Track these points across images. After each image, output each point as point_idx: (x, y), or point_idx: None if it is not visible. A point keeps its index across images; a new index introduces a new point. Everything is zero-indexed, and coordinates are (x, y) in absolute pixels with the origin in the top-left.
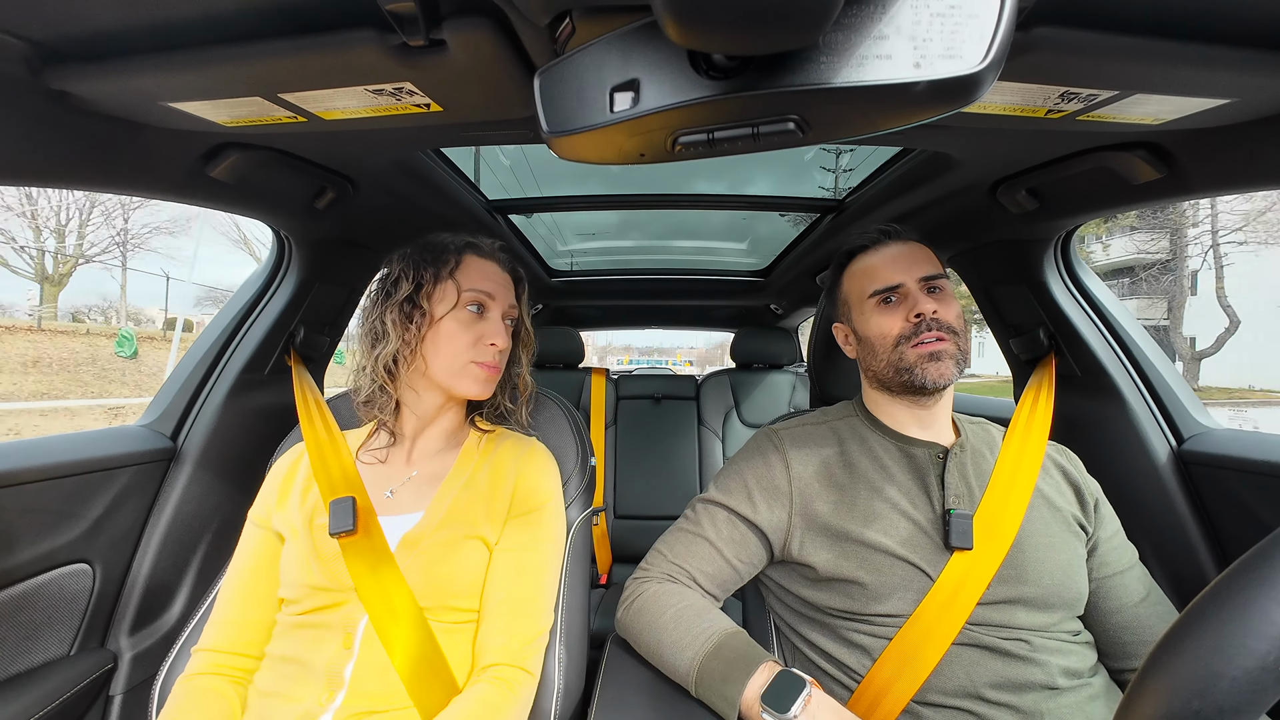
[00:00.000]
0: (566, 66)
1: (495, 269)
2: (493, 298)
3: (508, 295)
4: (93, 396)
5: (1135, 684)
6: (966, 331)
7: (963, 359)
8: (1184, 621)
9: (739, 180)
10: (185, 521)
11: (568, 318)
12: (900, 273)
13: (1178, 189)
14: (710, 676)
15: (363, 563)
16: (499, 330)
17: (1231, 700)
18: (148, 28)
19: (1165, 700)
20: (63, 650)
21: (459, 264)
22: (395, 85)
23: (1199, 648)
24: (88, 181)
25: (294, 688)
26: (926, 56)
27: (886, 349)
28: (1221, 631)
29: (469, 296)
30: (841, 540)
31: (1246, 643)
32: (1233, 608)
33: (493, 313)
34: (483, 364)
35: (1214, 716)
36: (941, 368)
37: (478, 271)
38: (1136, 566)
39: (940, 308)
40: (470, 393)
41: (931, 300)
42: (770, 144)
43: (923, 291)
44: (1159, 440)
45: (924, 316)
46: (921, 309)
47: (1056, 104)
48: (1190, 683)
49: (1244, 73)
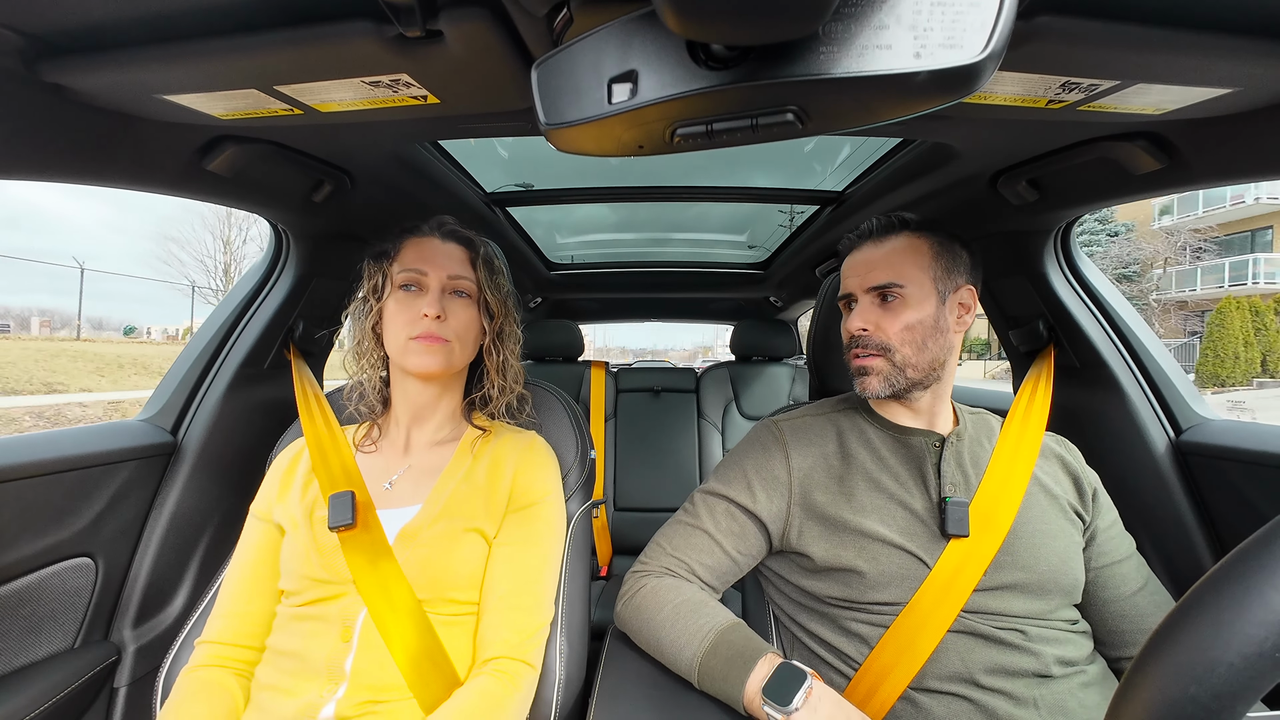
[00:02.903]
0: (564, 58)
1: (434, 243)
2: (424, 273)
3: (449, 265)
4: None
5: (1133, 668)
6: (918, 342)
7: (898, 374)
8: (1183, 607)
9: (738, 172)
10: (186, 515)
11: (567, 311)
12: (853, 281)
13: (1179, 179)
14: (711, 675)
15: (362, 556)
16: (431, 300)
17: (1229, 685)
18: (142, 19)
19: (1163, 685)
20: (67, 644)
21: (397, 251)
22: (392, 77)
23: (1198, 633)
24: (84, 175)
25: (295, 681)
26: (927, 46)
27: (846, 352)
28: (1220, 617)
29: (401, 277)
30: (840, 530)
31: (1246, 629)
32: (1232, 594)
33: (429, 287)
34: (418, 337)
35: (1210, 702)
36: (866, 382)
37: (412, 251)
38: (1134, 556)
39: (882, 321)
40: (418, 367)
41: (875, 313)
42: (769, 135)
43: (870, 303)
44: (1157, 431)
45: (853, 334)
46: (850, 325)
47: (1057, 94)
48: (1188, 668)
49: (1246, 62)
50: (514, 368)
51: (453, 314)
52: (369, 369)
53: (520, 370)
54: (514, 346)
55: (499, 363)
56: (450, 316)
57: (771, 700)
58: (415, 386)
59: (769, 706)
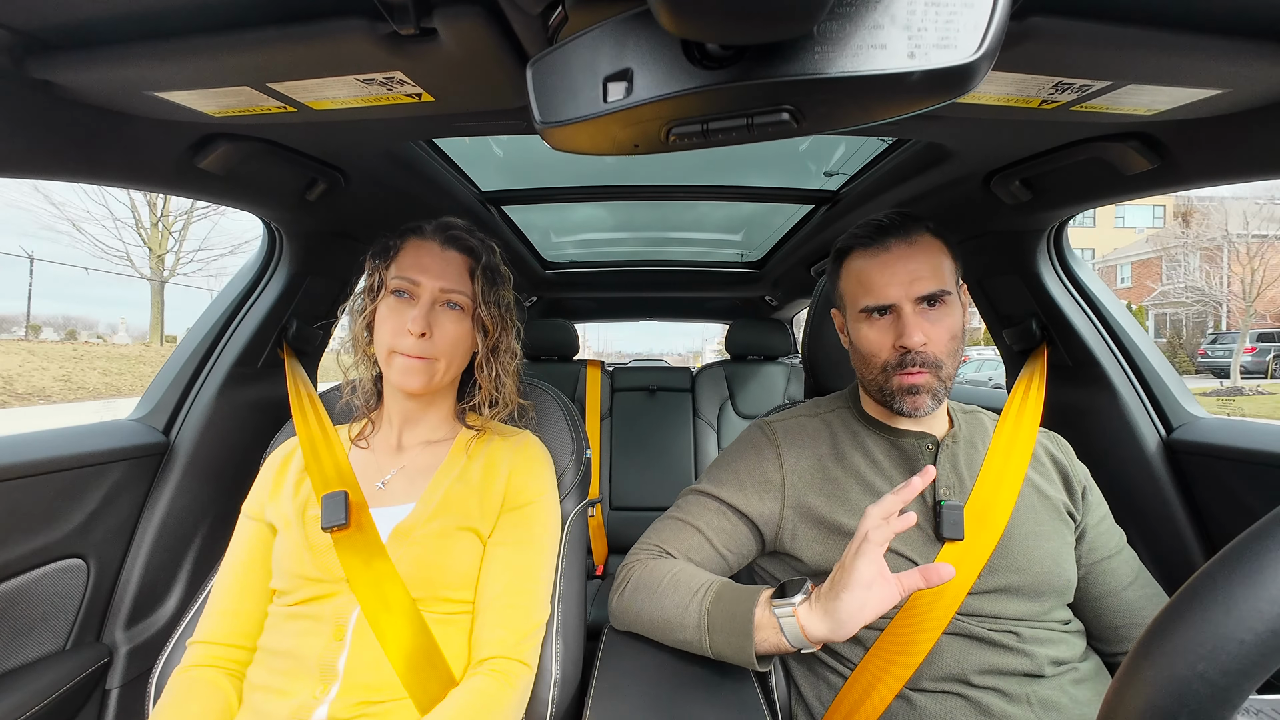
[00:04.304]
0: (559, 56)
1: (433, 248)
2: (417, 283)
3: (444, 276)
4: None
5: (1125, 666)
6: (958, 352)
7: (943, 389)
8: (1174, 606)
9: (733, 171)
10: (179, 515)
11: (563, 310)
12: (894, 289)
13: (1170, 179)
14: (719, 616)
15: (355, 556)
16: (418, 316)
17: (1239, 663)
18: (133, 16)
19: (1170, 663)
20: (58, 645)
21: (398, 250)
22: (386, 75)
23: (1209, 610)
24: (74, 173)
25: (287, 681)
26: (921, 46)
27: (874, 369)
28: (1231, 595)
29: (394, 283)
30: (833, 532)
31: (1258, 606)
32: (1245, 572)
33: (420, 297)
34: (401, 353)
35: (1219, 679)
36: (918, 401)
37: (410, 255)
38: (1125, 550)
39: (934, 333)
40: (399, 384)
41: (925, 324)
42: (765, 134)
43: (917, 313)
44: (1149, 429)
45: (910, 350)
46: (908, 341)
47: (1050, 94)
48: (1198, 645)
49: (1236, 63)
50: (507, 385)
51: (441, 328)
52: (362, 364)
53: (515, 388)
54: (510, 362)
55: (491, 378)
56: (438, 331)
57: (779, 599)
58: (402, 394)
59: (777, 605)
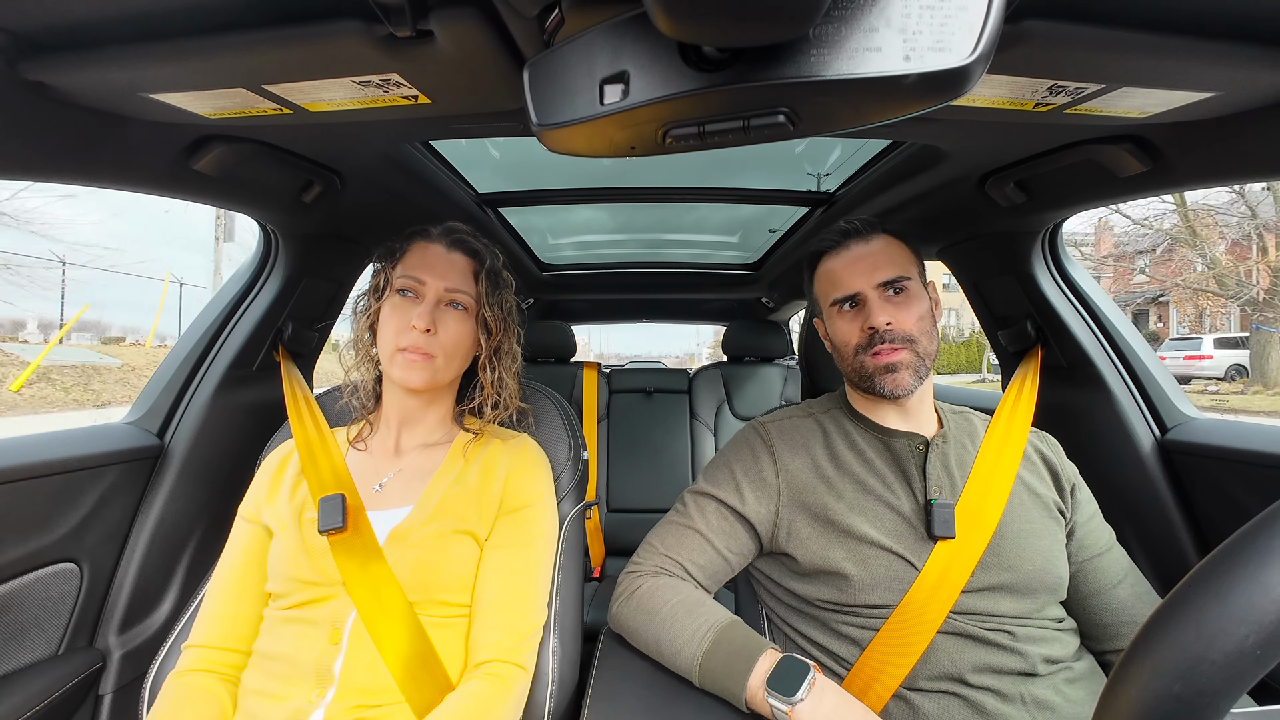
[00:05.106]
0: (555, 58)
1: (439, 250)
2: (422, 282)
3: (449, 276)
4: None
5: (1119, 666)
6: (930, 332)
7: (922, 366)
8: (1167, 606)
9: (730, 174)
10: (173, 519)
11: (560, 312)
12: (858, 280)
13: (1163, 181)
14: (713, 673)
15: (352, 559)
16: (423, 312)
17: (1212, 683)
18: (127, 17)
19: (1146, 683)
20: (51, 650)
21: (404, 252)
22: (382, 77)
23: (1181, 633)
24: (68, 174)
25: (283, 685)
26: (916, 49)
27: (849, 356)
28: (1203, 616)
29: (399, 283)
30: (828, 532)
31: (1227, 627)
32: (1214, 593)
33: (425, 296)
34: (405, 349)
35: (1194, 699)
36: (898, 379)
37: (416, 256)
38: (1115, 548)
39: (898, 315)
40: (401, 381)
41: (889, 307)
42: (761, 136)
43: (881, 298)
44: (1143, 430)
45: (876, 329)
46: (874, 321)
47: (1044, 97)
48: (1172, 665)
49: (1229, 66)
50: (509, 387)
51: (445, 327)
52: (364, 366)
53: (516, 390)
54: (511, 364)
55: (493, 379)
56: (441, 329)
57: (776, 691)
58: (403, 393)
59: (774, 698)
